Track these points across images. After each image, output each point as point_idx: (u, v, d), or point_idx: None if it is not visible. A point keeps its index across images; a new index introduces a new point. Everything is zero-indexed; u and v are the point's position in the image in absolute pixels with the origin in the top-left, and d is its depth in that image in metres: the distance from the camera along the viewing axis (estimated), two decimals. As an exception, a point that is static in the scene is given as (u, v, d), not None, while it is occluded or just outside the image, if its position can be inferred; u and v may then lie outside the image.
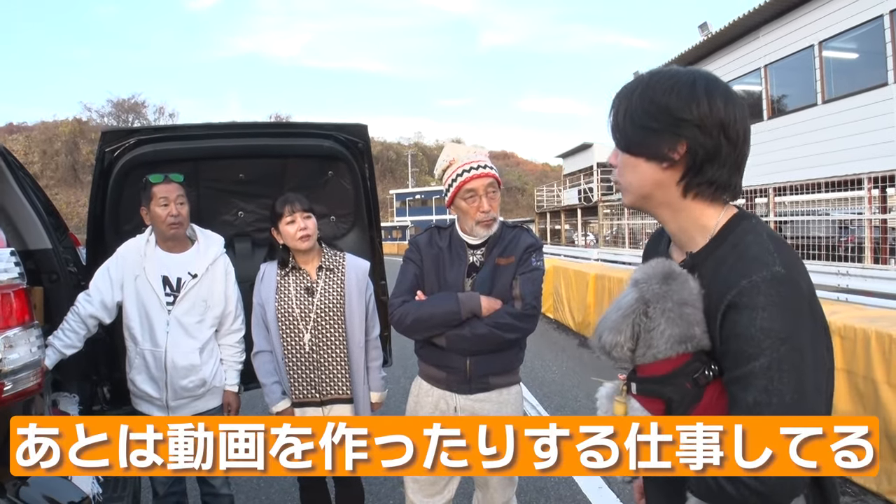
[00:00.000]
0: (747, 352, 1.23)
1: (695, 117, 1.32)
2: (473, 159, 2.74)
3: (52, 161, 76.51)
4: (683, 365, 1.35)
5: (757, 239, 1.33)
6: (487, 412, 2.78)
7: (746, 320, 1.24)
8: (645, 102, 1.36)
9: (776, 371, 1.21)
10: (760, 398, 1.22)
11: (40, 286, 3.52)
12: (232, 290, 3.37)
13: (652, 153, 1.37)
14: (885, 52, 12.57)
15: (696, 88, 1.34)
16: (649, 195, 1.43)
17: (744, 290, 1.25)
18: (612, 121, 1.45)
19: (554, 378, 7.71)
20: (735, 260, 1.31)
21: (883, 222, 12.08)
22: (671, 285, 1.37)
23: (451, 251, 2.85)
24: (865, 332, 4.14)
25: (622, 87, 1.46)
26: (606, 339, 1.42)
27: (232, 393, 3.39)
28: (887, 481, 3.94)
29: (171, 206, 3.13)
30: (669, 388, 1.37)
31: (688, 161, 1.35)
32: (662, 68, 1.44)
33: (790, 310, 1.23)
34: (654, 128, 1.35)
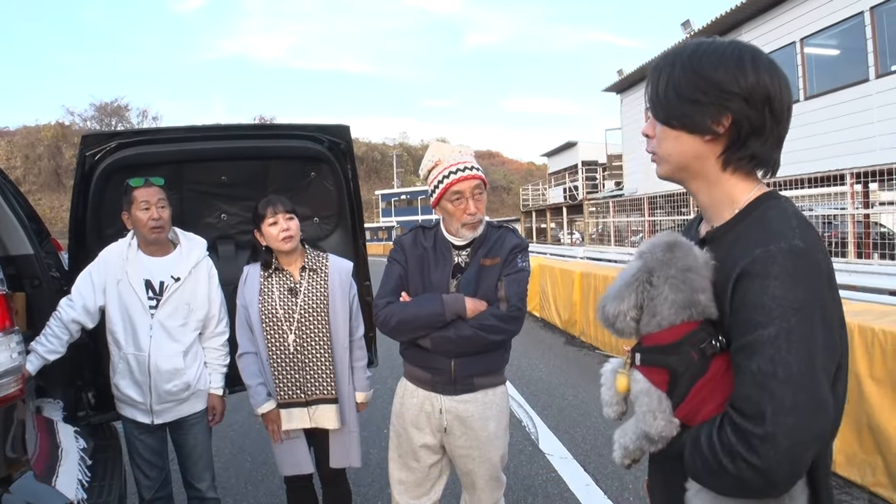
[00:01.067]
0: (756, 319, 1.20)
1: (742, 90, 1.31)
2: (459, 160, 2.72)
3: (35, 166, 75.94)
4: (690, 333, 1.32)
5: (781, 214, 1.32)
6: (472, 413, 2.78)
7: (758, 288, 1.21)
8: (690, 74, 1.35)
9: (784, 341, 1.17)
10: (765, 367, 1.17)
11: (22, 292, 3.50)
12: (215, 293, 3.36)
13: (696, 125, 1.36)
14: (865, 48, 12.68)
15: (744, 60, 1.33)
16: (687, 166, 1.42)
17: (758, 258, 1.22)
18: (652, 91, 1.43)
19: (541, 376, 7.73)
20: (754, 232, 1.29)
21: (866, 217, 12.16)
22: (675, 253, 1.36)
23: (436, 251, 2.83)
24: (848, 325, 4.13)
25: (661, 57, 1.44)
26: (609, 308, 1.40)
27: (216, 396, 3.38)
28: (871, 473, 3.98)
29: (152, 209, 3.12)
30: (674, 358, 1.33)
31: (732, 134, 1.35)
32: (704, 39, 1.41)
33: (806, 282, 1.20)
34: (701, 100, 1.34)
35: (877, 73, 12.55)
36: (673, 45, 1.42)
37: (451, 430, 2.81)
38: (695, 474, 1.30)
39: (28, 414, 2.83)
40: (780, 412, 1.15)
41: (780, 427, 1.14)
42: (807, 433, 1.16)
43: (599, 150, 31.77)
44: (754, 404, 1.17)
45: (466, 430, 2.79)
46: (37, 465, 2.49)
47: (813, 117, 13.80)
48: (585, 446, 5.22)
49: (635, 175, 23.32)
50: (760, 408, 1.16)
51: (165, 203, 3.19)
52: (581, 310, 9.67)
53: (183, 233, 3.40)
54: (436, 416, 2.81)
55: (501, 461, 2.89)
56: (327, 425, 3.15)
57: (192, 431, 3.32)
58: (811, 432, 1.16)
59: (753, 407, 1.17)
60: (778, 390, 1.16)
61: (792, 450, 1.15)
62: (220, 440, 5.50)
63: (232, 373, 3.35)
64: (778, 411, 1.15)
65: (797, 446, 1.15)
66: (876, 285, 8.33)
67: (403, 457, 2.90)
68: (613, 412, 1.50)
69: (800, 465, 1.18)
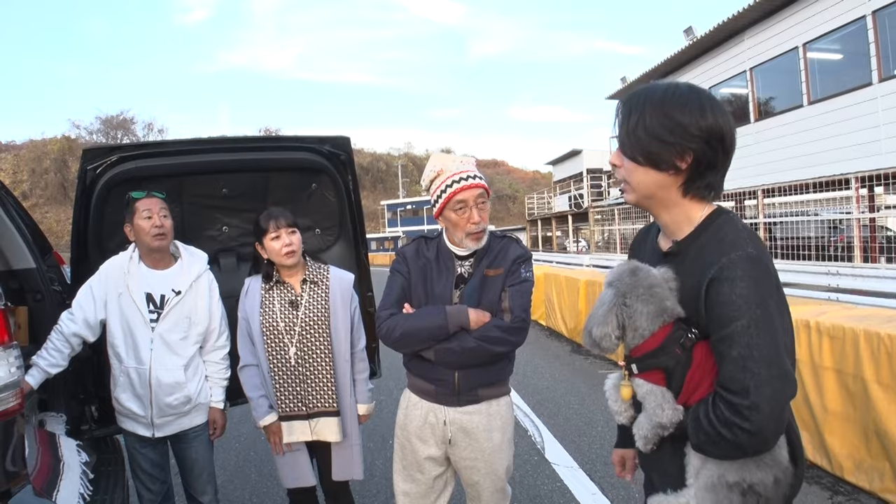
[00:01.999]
0: (729, 314, 1.48)
1: (703, 132, 1.55)
2: (462, 169, 2.69)
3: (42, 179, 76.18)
4: (669, 335, 1.61)
5: (734, 228, 1.59)
6: (476, 424, 2.76)
7: (727, 289, 1.49)
8: (660, 116, 1.57)
9: (755, 329, 1.46)
10: (744, 352, 1.46)
11: (25, 306, 3.51)
12: (216, 306, 3.36)
13: (663, 162, 1.59)
14: (868, 52, 12.69)
15: (704, 106, 1.56)
16: (653, 195, 1.67)
17: (724, 265, 1.51)
18: (624, 129, 1.64)
19: (547, 385, 7.69)
20: (716, 244, 1.57)
21: (871, 221, 12.13)
22: (638, 276, 1.65)
23: (439, 262, 2.81)
24: (854, 331, 4.15)
25: (631, 98, 1.66)
26: (596, 332, 1.67)
27: (217, 410, 3.36)
28: (879, 479, 3.94)
29: (154, 217, 3.12)
30: (664, 358, 1.62)
31: (692, 169, 1.60)
32: (667, 82, 1.65)
33: (761, 282, 1.49)
34: (668, 140, 1.56)
35: (880, 77, 12.55)
36: (639, 88, 1.61)
37: (455, 441, 2.79)
38: (699, 446, 1.58)
39: (29, 428, 2.83)
40: (760, 385, 1.45)
41: (761, 396, 1.44)
42: (781, 397, 1.47)
43: (604, 158, 31.80)
44: (739, 382, 1.47)
45: (471, 442, 2.77)
46: (37, 480, 2.49)
47: (817, 122, 13.82)
48: (592, 455, 5.19)
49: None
50: (745, 384, 1.46)
51: (167, 213, 3.19)
52: (587, 318, 9.63)
53: (184, 246, 3.40)
54: (440, 427, 2.79)
55: (507, 472, 2.87)
56: (329, 438, 3.13)
57: (193, 444, 3.31)
58: (784, 396, 1.47)
59: (739, 384, 1.46)
60: (755, 368, 1.45)
61: (773, 412, 1.45)
62: (226, 452, 5.50)
63: (235, 385, 3.33)
64: (758, 385, 1.45)
65: (776, 409, 1.46)
66: (883, 289, 8.31)
67: (408, 468, 2.88)
68: (625, 419, 1.83)
69: (781, 423, 1.49)
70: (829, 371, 4.33)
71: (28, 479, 2.41)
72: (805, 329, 4.53)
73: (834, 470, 4.31)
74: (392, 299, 2.81)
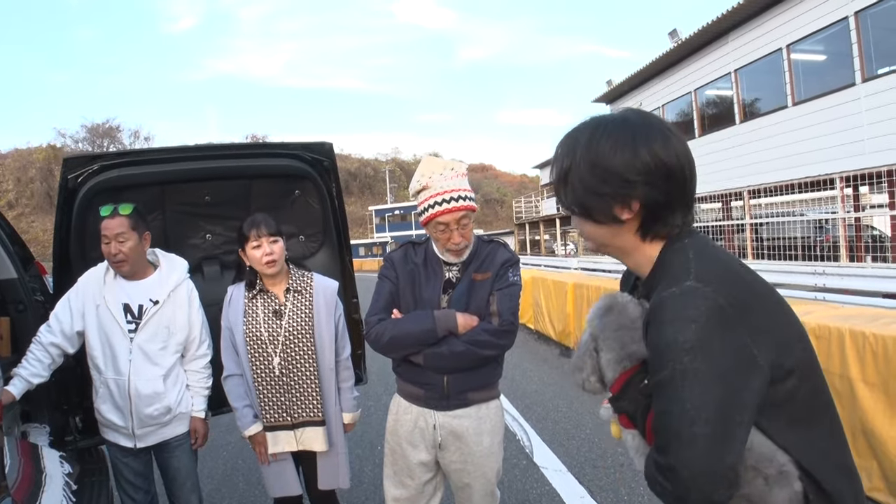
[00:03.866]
0: (655, 364, 1.30)
1: (642, 174, 1.33)
2: (449, 187, 2.67)
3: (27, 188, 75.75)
4: (628, 379, 1.44)
5: (677, 257, 1.37)
6: (466, 428, 2.77)
7: (654, 334, 1.30)
8: (590, 166, 1.37)
9: (680, 380, 1.23)
10: (665, 406, 1.27)
11: (7, 316, 3.47)
12: (196, 315, 3.31)
13: (603, 217, 1.41)
14: (851, 52, 12.79)
15: (637, 142, 1.34)
16: (608, 245, 1.49)
17: (654, 306, 1.32)
18: (561, 180, 1.45)
19: (535, 389, 7.70)
20: (660, 280, 1.37)
21: (857, 220, 12.21)
22: (610, 316, 1.49)
23: (427, 267, 2.82)
24: (840, 330, 4.16)
25: (564, 141, 1.46)
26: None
27: (198, 419, 3.32)
28: (867, 478, 3.95)
29: (111, 244, 3.06)
30: (625, 403, 1.46)
31: (643, 214, 1.39)
32: (598, 118, 1.44)
33: (696, 321, 1.24)
34: (605, 192, 1.37)
35: (863, 77, 12.65)
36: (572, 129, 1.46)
37: (445, 445, 2.79)
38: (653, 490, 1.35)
39: (11, 440, 2.80)
40: (678, 446, 1.22)
41: (678, 459, 1.22)
42: (704, 464, 1.21)
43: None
44: (661, 438, 1.28)
45: (461, 446, 2.78)
46: (17, 492, 2.46)
47: (801, 122, 13.92)
48: (580, 458, 5.19)
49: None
50: (664, 441, 1.26)
51: (127, 235, 3.10)
52: (574, 321, 9.64)
53: (164, 254, 3.37)
54: (430, 431, 2.80)
55: (496, 475, 2.89)
56: (314, 448, 3.11)
57: (175, 454, 3.27)
58: (710, 464, 1.21)
59: (661, 440, 1.28)
60: (674, 425, 1.24)
61: (694, 480, 1.21)
62: (213, 461, 5.47)
63: (220, 395, 3.30)
64: (677, 446, 1.23)
65: (698, 477, 1.21)
66: (870, 288, 8.35)
67: (398, 474, 2.88)
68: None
69: (709, 495, 1.22)
70: (815, 371, 4.33)
71: (8, 492, 2.38)
72: (791, 329, 4.53)
73: (821, 469, 4.31)
74: (381, 304, 2.82)
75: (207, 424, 3.40)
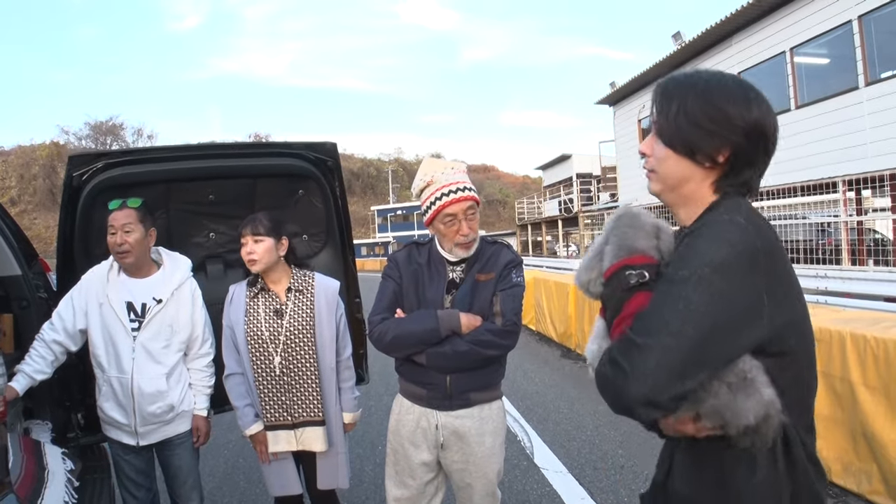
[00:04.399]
0: (678, 263, 1.37)
1: (746, 125, 1.44)
2: (452, 181, 2.71)
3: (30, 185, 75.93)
4: (619, 268, 1.50)
5: (735, 204, 1.46)
6: (469, 429, 2.78)
7: (689, 242, 1.39)
8: (703, 103, 1.46)
9: (694, 283, 1.30)
10: (668, 298, 1.33)
11: (10, 313, 3.49)
12: (199, 314, 3.33)
13: (700, 152, 1.48)
14: (854, 56, 12.78)
15: (749, 98, 1.46)
16: (681, 187, 1.54)
17: (701, 223, 1.44)
18: (661, 115, 1.52)
19: (536, 390, 7.70)
20: (708, 213, 1.48)
21: (859, 224, 12.19)
22: (621, 220, 1.58)
23: (431, 267, 2.83)
24: (841, 333, 4.17)
25: (671, 83, 1.55)
26: (582, 277, 1.61)
27: (201, 417, 3.33)
28: (867, 481, 3.96)
29: (117, 234, 3.08)
30: (608, 290, 1.53)
31: (728, 165, 1.48)
32: (712, 71, 1.54)
33: (733, 247, 1.32)
34: (709, 129, 1.45)
35: (866, 81, 12.63)
36: (680, 74, 1.58)
37: (447, 445, 2.80)
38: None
39: (14, 436, 2.81)
40: (664, 332, 1.29)
41: (658, 341, 1.29)
42: (677, 359, 1.28)
43: (594, 163, 31.92)
44: (646, 319, 1.34)
45: (463, 446, 2.78)
46: (20, 488, 2.47)
47: (804, 126, 13.89)
48: (581, 460, 5.19)
49: (630, 187, 23.38)
50: (649, 323, 1.33)
51: (133, 227, 3.13)
52: (576, 323, 9.65)
53: (168, 253, 3.39)
54: (432, 432, 2.80)
55: (498, 476, 2.89)
56: (314, 448, 3.12)
57: (177, 452, 3.28)
58: (681, 361, 1.28)
59: (644, 322, 1.34)
60: (670, 316, 1.30)
61: (659, 369, 1.28)
62: (214, 459, 5.48)
63: (222, 393, 3.31)
64: (662, 330, 1.29)
65: (664, 368, 1.28)
66: (871, 292, 8.35)
67: (400, 474, 2.88)
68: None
69: (659, 391, 1.28)
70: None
71: (11, 488, 2.39)
72: (792, 332, 4.54)
73: (822, 472, 4.32)
74: (384, 304, 2.82)
75: (210, 422, 3.41)
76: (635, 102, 22.95)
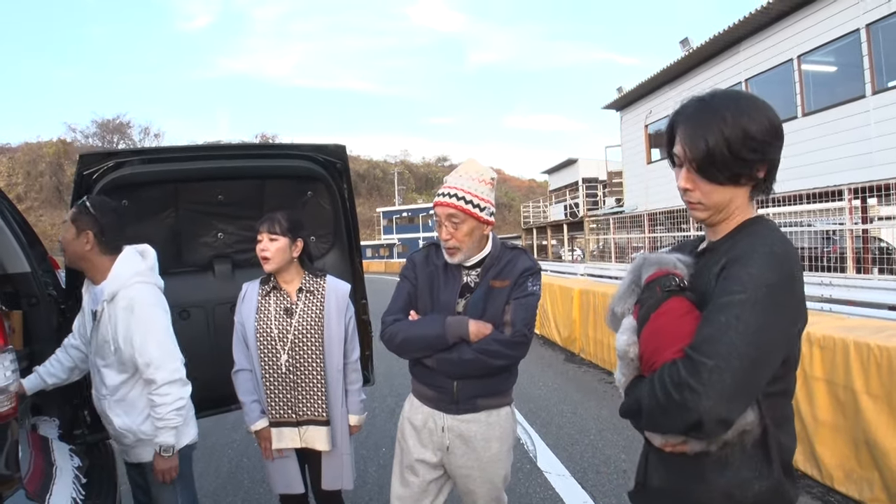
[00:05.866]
0: (733, 287, 1.46)
1: (775, 137, 1.58)
2: (451, 184, 2.70)
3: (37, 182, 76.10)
4: (657, 277, 1.67)
5: (768, 229, 1.59)
6: (475, 433, 2.76)
7: (739, 267, 1.48)
8: (742, 136, 1.55)
9: (751, 305, 1.42)
10: (731, 321, 1.42)
11: (19, 310, 3.51)
12: (142, 332, 2.80)
13: (745, 178, 1.60)
14: (861, 64, 12.78)
15: (770, 113, 1.58)
16: (726, 208, 1.66)
17: (744, 250, 1.51)
18: (697, 150, 1.59)
19: (540, 394, 7.71)
20: (746, 237, 1.57)
21: (864, 232, 12.17)
22: (648, 257, 1.75)
23: (447, 271, 2.80)
24: (844, 341, 4.18)
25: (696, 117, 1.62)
26: (618, 308, 1.77)
27: (157, 455, 2.83)
28: (869, 489, 3.97)
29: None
30: (647, 293, 1.67)
31: (766, 174, 1.62)
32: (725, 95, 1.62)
33: (777, 272, 1.46)
34: (749, 157, 1.56)
35: (873, 90, 12.64)
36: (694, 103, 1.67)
37: (452, 449, 2.79)
38: (649, 415, 1.55)
39: (22, 432, 2.83)
40: (732, 355, 1.40)
41: (729, 364, 1.39)
42: (745, 379, 1.42)
43: (600, 167, 31.91)
44: (712, 343, 1.42)
45: (468, 451, 2.77)
46: (30, 484, 2.49)
47: (811, 133, 13.89)
48: (584, 464, 5.20)
49: (635, 192, 23.38)
50: (717, 347, 1.41)
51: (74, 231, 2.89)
52: (580, 327, 9.66)
53: (129, 252, 2.99)
54: (438, 433, 2.79)
55: (504, 481, 2.87)
56: (318, 447, 3.14)
57: (151, 478, 2.97)
58: (749, 381, 1.43)
59: (711, 346, 1.42)
60: (735, 339, 1.40)
61: (730, 388, 1.40)
62: (219, 458, 5.52)
63: (227, 391, 3.33)
64: (730, 354, 1.40)
65: (733, 387, 1.40)
66: (876, 300, 8.34)
67: (404, 472, 2.88)
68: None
69: (732, 403, 1.42)
70: (819, 381, 4.36)
71: (21, 483, 2.41)
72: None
73: (824, 480, 4.33)
74: (398, 305, 2.82)
75: (168, 460, 2.85)
76: (642, 107, 22.95)
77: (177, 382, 2.81)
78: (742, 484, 1.56)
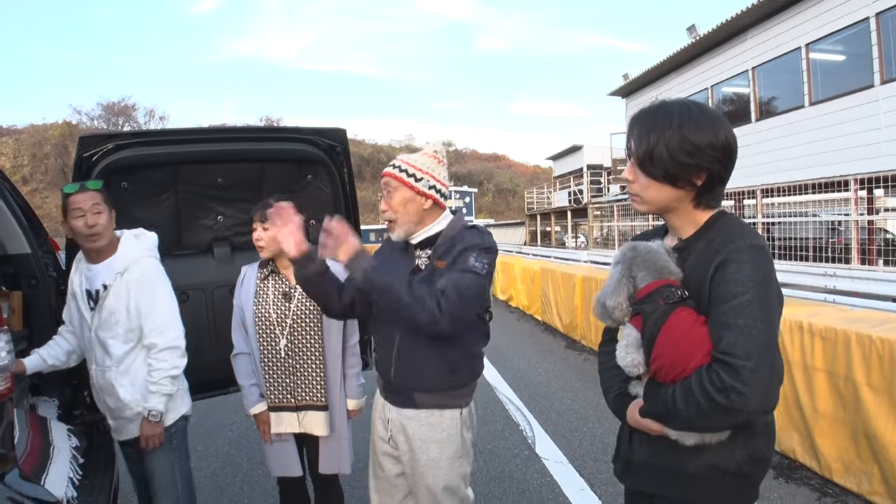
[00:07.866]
0: (735, 290, 1.61)
1: (717, 151, 1.72)
2: (398, 157, 2.64)
3: (42, 164, 75.95)
4: (659, 287, 1.76)
5: (737, 223, 1.78)
6: (413, 431, 2.65)
7: (734, 269, 1.63)
8: (680, 139, 1.71)
9: (758, 304, 1.59)
10: (749, 322, 1.57)
11: (20, 290, 3.51)
12: (147, 299, 3.01)
13: (681, 181, 1.76)
14: (870, 54, 12.68)
15: (716, 125, 1.73)
16: (666, 207, 1.84)
17: (732, 250, 1.65)
18: (642, 149, 1.77)
19: (540, 380, 7.72)
20: (722, 237, 1.72)
21: (870, 223, 12.10)
22: (637, 249, 1.84)
23: (405, 251, 2.73)
24: (846, 333, 4.16)
25: (647, 118, 1.80)
26: (609, 302, 1.84)
27: (145, 422, 2.97)
28: (867, 482, 3.96)
29: (86, 216, 2.94)
30: (648, 305, 1.76)
31: (705, 184, 1.76)
32: (674, 104, 1.79)
33: (764, 267, 1.64)
34: (687, 162, 1.72)
35: (882, 79, 12.54)
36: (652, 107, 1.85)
37: (395, 443, 2.73)
38: (689, 419, 1.67)
39: (20, 412, 2.84)
40: (762, 351, 1.56)
41: (763, 360, 1.55)
42: (776, 367, 1.59)
43: (604, 154, 31.74)
44: (744, 347, 1.55)
45: (407, 449, 2.67)
46: (26, 463, 2.50)
47: (817, 123, 13.82)
48: (582, 451, 5.21)
49: (640, 179, 23.26)
50: (748, 349, 1.55)
51: (102, 207, 2.99)
52: (582, 314, 9.64)
53: (129, 234, 3.18)
54: (385, 424, 2.76)
55: (449, 494, 2.67)
56: (316, 431, 3.14)
57: (149, 455, 3.07)
58: (778, 367, 1.61)
59: (743, 349, 1.55)
60: (760, 337, 1.56)
61: (769, 378, 1.56)
62: (218, 440, 5.55)
63: (227, 374, 3.34)
64: (761, 350, 1.55)
65: (769, 378, 1.56)
66: (880, 292, 8.31)
67: (374, 464, 2.87)
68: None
69: (772, 394, 1.60)
70: (820, 372, 4.35)
71: (16, 463, 2.42)
72: (798, 330, 4.55)
73: (822, 471, 4.33)
74: None
75: (156, 426, 3.00)
76: (648, 95, 22.81)
77: (176, 350, 3.03)
78: (725, 453, 1.74)
